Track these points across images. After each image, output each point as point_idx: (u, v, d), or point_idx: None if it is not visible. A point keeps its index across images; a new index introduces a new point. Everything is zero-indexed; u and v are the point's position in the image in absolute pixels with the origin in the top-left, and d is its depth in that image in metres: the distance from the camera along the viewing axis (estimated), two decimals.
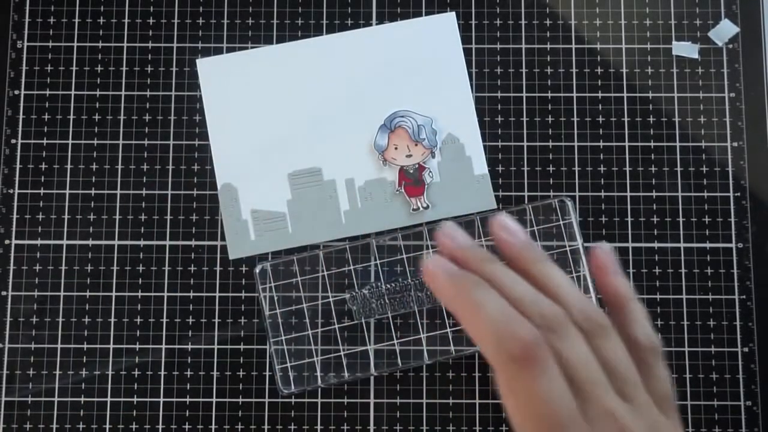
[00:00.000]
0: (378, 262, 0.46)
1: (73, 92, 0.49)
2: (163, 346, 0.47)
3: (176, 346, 0.47)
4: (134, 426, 0.46)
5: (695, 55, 0.50)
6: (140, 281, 0.47)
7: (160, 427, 0.46)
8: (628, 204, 0.48)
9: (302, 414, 0.46)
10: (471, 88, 0.49)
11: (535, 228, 0.46)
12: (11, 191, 0.48)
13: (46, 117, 0.49)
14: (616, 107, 0.49)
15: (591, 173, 0.48)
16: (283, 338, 0.46)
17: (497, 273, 0.29)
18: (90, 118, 0.49)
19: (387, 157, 0.48)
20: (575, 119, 0.49)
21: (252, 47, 0.49)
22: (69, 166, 0.48)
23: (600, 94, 0.49)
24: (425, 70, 0.49)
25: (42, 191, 0.48)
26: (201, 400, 0.46)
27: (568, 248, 0.46)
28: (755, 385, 0.47)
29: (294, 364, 0.46)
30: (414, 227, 0.47)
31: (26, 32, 0.50)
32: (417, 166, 0.48)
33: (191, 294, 0.47)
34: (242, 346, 0.47)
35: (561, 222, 0.46)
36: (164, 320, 0.47)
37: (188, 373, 0.46)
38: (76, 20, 0.50)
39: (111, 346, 0.47)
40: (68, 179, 0.48)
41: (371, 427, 0.46)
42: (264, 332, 0.47)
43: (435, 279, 0.29)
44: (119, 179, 0.48)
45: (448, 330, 0.46)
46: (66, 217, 0.48)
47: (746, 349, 0.47)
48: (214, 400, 0.46)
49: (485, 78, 0.49)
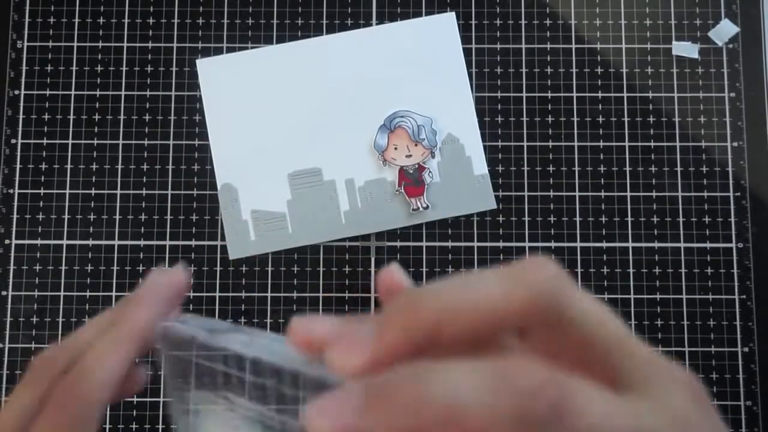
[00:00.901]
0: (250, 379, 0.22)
1: (73, 92, 0.49)
2: None
3: None
4: (134, 426, 0.46)
5: (695, 55, 0.50)
6: (140, 281, 0.47)
7: (160, 427, 0.46)
8: (628, 204, 0.48)
9: None
10: (471, 88, 0.49)
11: None
12: (11, 191, 0.48)
13: (46, 117, 0.49)
14: (616, 107, 0.49)
15: (591, 173, 0.48)
16: None
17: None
18: (90, 118, 0.49)
19: (387, 158, 0.48)
20: (575, 119, 0.49)
21: (252, 47, 0.49)
22: (69, 166, 0.48)
23: (600, 94, 0.49)
24: (425, 70, 0.49)
25: (42, 191, 0.48)
26: None
27: None
28: (755, 385, 0.47)
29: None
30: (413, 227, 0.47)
31: (26, 32, 0.50)
32: (417, 167, 0.48)
33: (191, 294, 0.47)
34: None
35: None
36: None
37: None
38: (76, 20, 0.50)
39: None
40: (68, 179, 0.48)
41: None
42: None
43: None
44: (119, 179, 0.48)
45: None
46: (66, 217, 0.48)
47: (746, 349, 0.47)
48: None
49: (485, 78, 0.49)
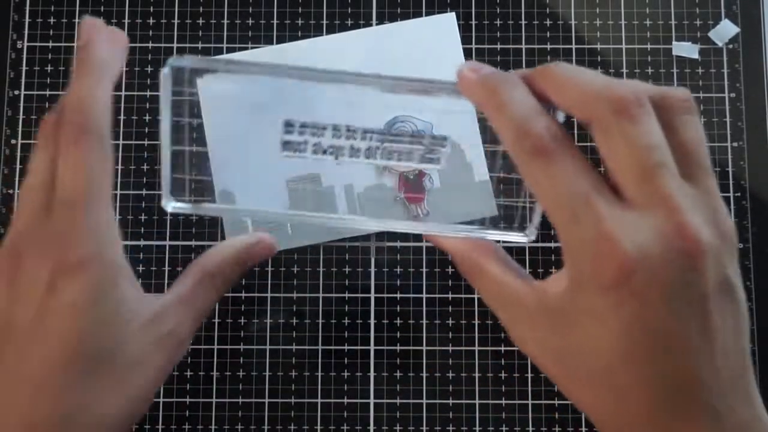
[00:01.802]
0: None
1: None
2: None
3: None
4: (134, 426, 0.46)
5: (695, 56, 0.50)
6: (140, 281, 0.47)
7: (160, 428, 0.46)
8: None
9: (302, 414, 0.46)
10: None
11: None
12: (11, 191, 0.48)
13: None
14: None
15: None
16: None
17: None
18: None
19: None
20: (575, 119, 0.49)
21: (252, 47, 0.49)
22: None
23: None
24: (425, 71, 0.48)
25: None
26: (201, 401, 0.46)
27: None
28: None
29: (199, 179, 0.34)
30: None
31: (26, 32, 0.49)
32: (417, 173, 0.48)
33: None
34: (242, 347, 0.47)
35: None
36: None
37: (188, 373, 0.46)
38: (76, 20, 0.50)
39: None
40: None
41: (371, 427, 0.46)
42: (263, 333, 0.47)
43: (466, 83, 0.30)
44: (119, 179, 0.48)
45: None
46: None
47: None
48: (214, 401, 0.46)
49: None
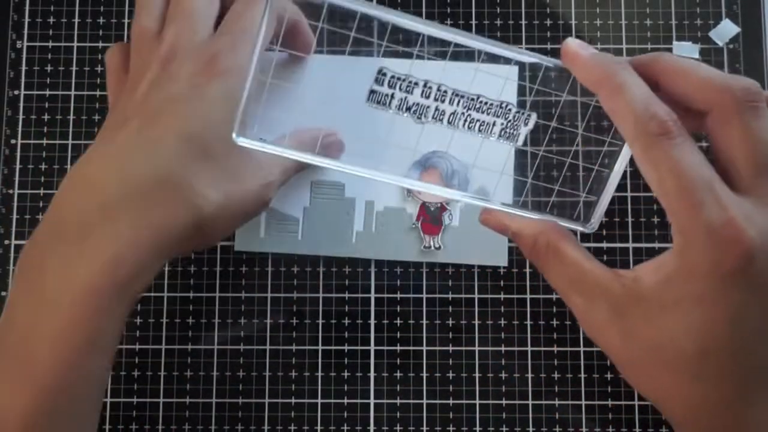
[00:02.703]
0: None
1: (73, 92, 0.49)
2: (163, 347, 0.47)
3: (176, 347, 0.47)
4: (134, 426, 0.46)
5: (696, 55, 0.49)
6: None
7: (160, 428, 0.46)
8: (629, 204, 0.48)
9: (302, 414, 0.46)
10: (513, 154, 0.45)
11: None
12: (11, 191, 0.48)
13: (46, 117, 0.49)
14: None
15: None
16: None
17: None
18: (90, 119, 0.49)
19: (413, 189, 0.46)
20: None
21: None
22: (69, 167, 0.48)
23: None
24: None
25: (42, 191, 0.48)
26: (201, 401, 0.46)
27: None
28: None
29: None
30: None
31: (26, 32, 0.49)
32: (439, 205, 0.47)
33: (191, 294, 0.47)
34: (242, 347, 0.47)
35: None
36: (164, 320, 0.47)
37: (188, 374, 0.46)
38: (76, 20, 0.50)
39: None
40: None
41: (371, 427, 0.46)
42: (263, 332, 0.47)
43: (577, 59, 0.31)
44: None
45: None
46: None
47: None
48: (214, 401, 0.46)
49: None
